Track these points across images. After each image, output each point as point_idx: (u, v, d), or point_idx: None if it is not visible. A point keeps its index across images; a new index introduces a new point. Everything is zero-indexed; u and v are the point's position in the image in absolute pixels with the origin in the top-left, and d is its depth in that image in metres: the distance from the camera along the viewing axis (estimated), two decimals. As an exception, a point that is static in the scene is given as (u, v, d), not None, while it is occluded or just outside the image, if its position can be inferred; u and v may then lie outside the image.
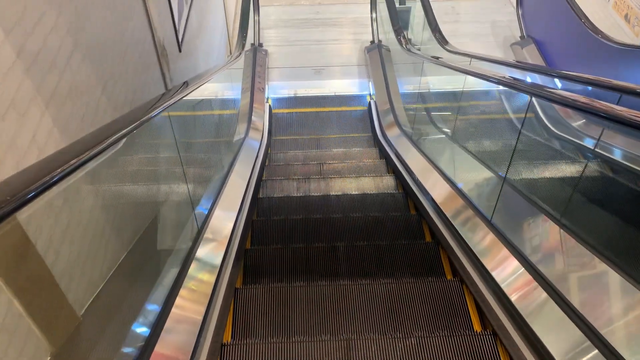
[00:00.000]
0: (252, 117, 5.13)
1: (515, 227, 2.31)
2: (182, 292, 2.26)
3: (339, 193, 4.07)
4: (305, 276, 2.93)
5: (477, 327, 2.45)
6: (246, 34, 5.26)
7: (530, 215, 2.41)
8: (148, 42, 3.23)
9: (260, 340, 2.30)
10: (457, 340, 2.23)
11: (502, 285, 2.15)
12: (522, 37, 6.84)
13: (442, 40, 4.93)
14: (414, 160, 3.92)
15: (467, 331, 2.32)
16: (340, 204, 3.92)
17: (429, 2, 5.66)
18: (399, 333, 2.34)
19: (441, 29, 5.42)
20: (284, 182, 4.44)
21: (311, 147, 5.22)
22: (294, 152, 4.94)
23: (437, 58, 4.45)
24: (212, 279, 2.30)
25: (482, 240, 2.35)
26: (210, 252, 2.51)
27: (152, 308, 2.15)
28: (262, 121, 5.26)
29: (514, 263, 2.16)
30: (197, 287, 2.19)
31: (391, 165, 4.62)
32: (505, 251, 2.15)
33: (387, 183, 4.30)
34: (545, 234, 2.24)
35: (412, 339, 2.25)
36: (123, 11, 2.80)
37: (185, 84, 3.07)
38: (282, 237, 3.47)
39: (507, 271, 2.15)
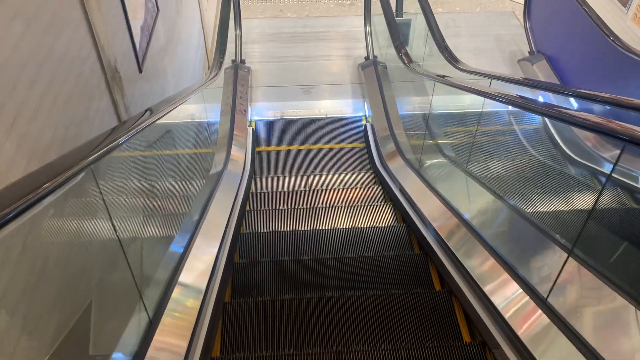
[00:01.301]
0: (232, 145, 4.41)
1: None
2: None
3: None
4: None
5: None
6: (225, 50, 4.56)
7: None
8: (91, 63, 2.50)
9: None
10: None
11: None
12: (531, 52, 6.23)
13: (451, 58, 4.27)
14: (431, 210, 3.21)
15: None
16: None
17: (432, 14, 5.01)
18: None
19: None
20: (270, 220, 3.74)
21: (301, 188, 4.50)
22: (283, 199, 4.22)
23: (443, 77, 3.80)
24: None
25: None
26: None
27: None
28: (243, 150, 4.54)
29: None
30: None
31: (395, 203, 3.92)
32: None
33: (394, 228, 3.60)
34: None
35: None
36: (49, 22, 2.07)
37: (149, 112, 2.39)
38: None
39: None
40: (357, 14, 7.46)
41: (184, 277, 2.34)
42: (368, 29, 6.45)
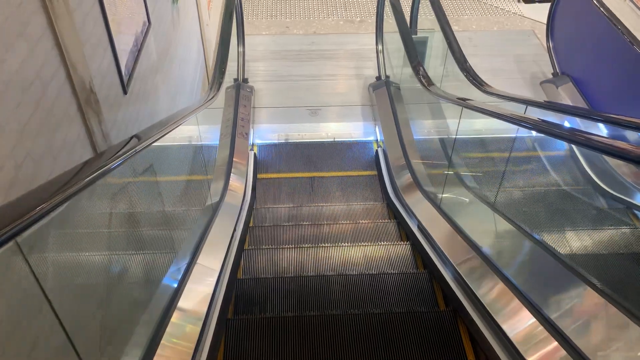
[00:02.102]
0: (232, 174, 3.97)
1: None
2: None
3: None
4: None
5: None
6: (225, 69, 4.14)
7: None
8: (57, 84, 2.08)
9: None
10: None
11: None
12: (554, 74, 5.81)
13: (476, 79, 3.84)
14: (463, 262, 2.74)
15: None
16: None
17: (452, 31, 4.60)
18: None
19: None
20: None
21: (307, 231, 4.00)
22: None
23: (465, 100, 3.37)
24: None
25: None
26: None
27: None
28: (243, 179, 4.09)
29: None
30: None
31: (415, 246, 3.46)
32: None
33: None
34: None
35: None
36: (-4, 35, 1.65)
37: (135, 140, 1.98)
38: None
39: None
40: (368, 32, 7.08)
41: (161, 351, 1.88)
42: (380, 47, 6.04)
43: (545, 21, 7.15)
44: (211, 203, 3.33)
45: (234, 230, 3.35)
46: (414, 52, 4.36)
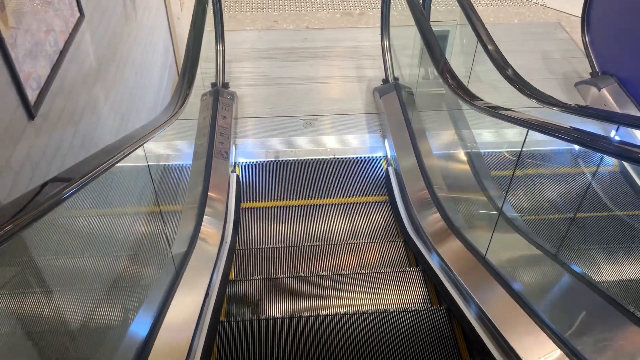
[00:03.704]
0: (205, 216, 3.00)
1: None
2: None
3: None
4: None
5: None
6: (194, 76, 3.14)
7: None
8: None
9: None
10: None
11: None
12: (593, 73, 4.90)
13: (527, 87, 2.91)
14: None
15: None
16: None
17: (483, 24, 3.67)
18: None
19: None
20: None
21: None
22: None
23: (494, 108, 2.47)
24: None
25: None
26: None
27: None
28: (221, 222, 3.11)
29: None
30: None
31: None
32: None
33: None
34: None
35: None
36: None
37: (56, 185, 1.03)
38: None
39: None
40: (369, 26, 6.13)
41: None
42: (386, 43, 5.08)
43: (571, 12, 6.25)
44: (174, 266, 2.37)
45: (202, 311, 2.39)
46: (439, 52, 3.40)
